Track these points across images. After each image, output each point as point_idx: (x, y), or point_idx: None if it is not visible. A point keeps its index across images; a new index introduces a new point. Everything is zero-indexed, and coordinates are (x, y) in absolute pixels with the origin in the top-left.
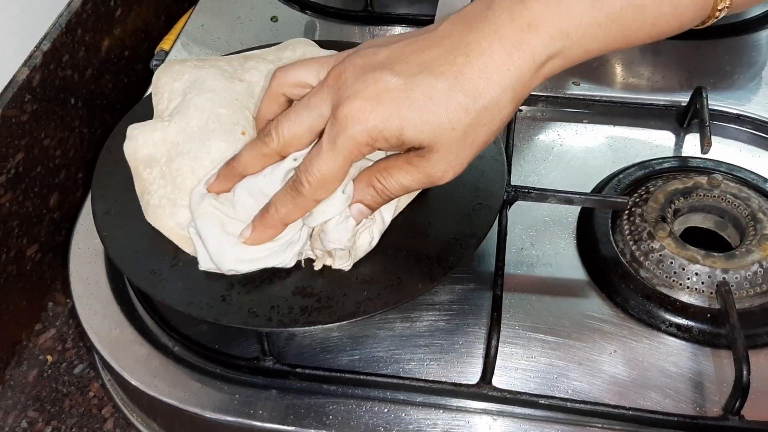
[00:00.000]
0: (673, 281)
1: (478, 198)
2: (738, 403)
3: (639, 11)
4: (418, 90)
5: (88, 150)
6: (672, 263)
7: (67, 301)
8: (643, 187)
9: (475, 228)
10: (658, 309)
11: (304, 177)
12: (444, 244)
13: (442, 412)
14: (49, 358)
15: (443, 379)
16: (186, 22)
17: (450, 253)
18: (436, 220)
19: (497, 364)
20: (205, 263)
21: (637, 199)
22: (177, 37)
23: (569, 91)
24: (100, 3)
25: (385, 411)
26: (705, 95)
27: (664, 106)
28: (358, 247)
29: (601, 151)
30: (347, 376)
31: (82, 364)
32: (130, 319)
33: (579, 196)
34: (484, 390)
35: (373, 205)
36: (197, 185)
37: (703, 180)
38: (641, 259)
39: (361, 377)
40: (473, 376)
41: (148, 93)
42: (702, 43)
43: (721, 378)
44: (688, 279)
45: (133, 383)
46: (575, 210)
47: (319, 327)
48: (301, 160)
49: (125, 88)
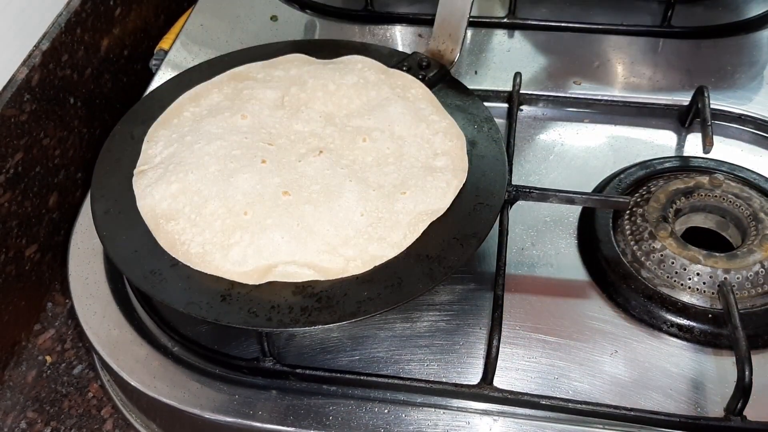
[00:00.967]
0: (675, 281)
1: (479, 198)
2: (740, 404)
3: None
4: None
5: (87, 150)
6: (673, 263)
7: (66, 301)
8: (645, 187)
9: (476, 228)
10: (660, 309)
11: None
12: (445, 244)
13: (442, 412)
14: (48, 358)
15: (444, 380)
16: (185, 22)
17: (451, 252)
18: (436, 219)
19: (498, 365)
20: None
21: (639, 199)
22: (176, 37)
23: (570, 91)
24: (99, 2)
25: (386, 412)
26: (707, 95)
27: (666, 105)
28: None
29: (603, 151)
30: (347, 376)
31: (82, 365)
32: (129, 319)
33: (580, 196)
34: (485, 390)
35: None
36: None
37: (704, 180)
38: (642, 259)
39: (362, 378)
40: (474, 377)
41: (148, 93)
42: (703, 43)
43: (723, 378)
44: (690, 279)
45: (132, 384)
46: (576, 210)
47: (319, 327)
48: None
49: (125, 87)
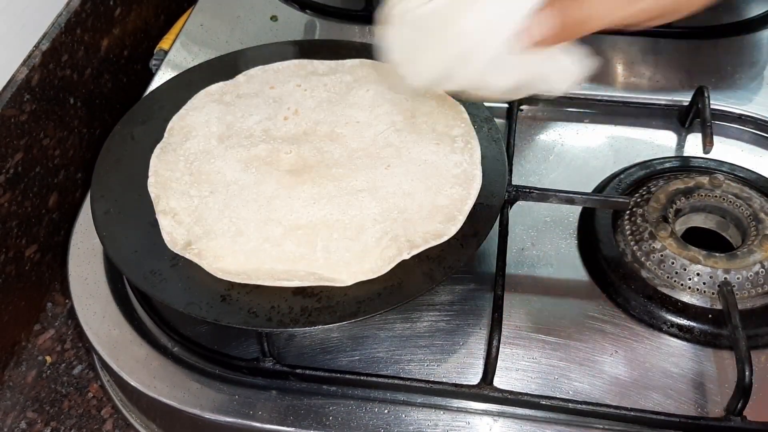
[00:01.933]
0: (675, 281)
1: (479, 198)
2: (740, 404)
3: None
4: None
5: (87, 150)
6: (673, 263)
7: (66, 301)
8: (645, 187)
9: (476, 228)
10: (660, 309)
11: None
12: (445, 244)
13: (442, 413)
14: (48, 358)
15: (444, 380)
16: (185, 22)
17: (450, 253)
18: None
19: (498, 365)
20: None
21: (639, 199)
22: (176, 37)
23: (570, 91)
24: (99, 2)
25: (386, 412)
26: (707, 95)
27: (666, 105)
28: None
29: (603, 151)
30: (347, 376)
31: (81, 365)
32: (129, 319)
33: (580, 196)
34: (485, 391)
35: None
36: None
37: (704, 180)
38: (642, 259)
39: (362, 378)
40: (474, 377)
41: (148, 93)
42: (703, 43)
43: (723, 379)
44: (690, 279)
45: (132, 384)
46: (576, 210)
47: (320, 327)
48: None
49: (124, 87)
